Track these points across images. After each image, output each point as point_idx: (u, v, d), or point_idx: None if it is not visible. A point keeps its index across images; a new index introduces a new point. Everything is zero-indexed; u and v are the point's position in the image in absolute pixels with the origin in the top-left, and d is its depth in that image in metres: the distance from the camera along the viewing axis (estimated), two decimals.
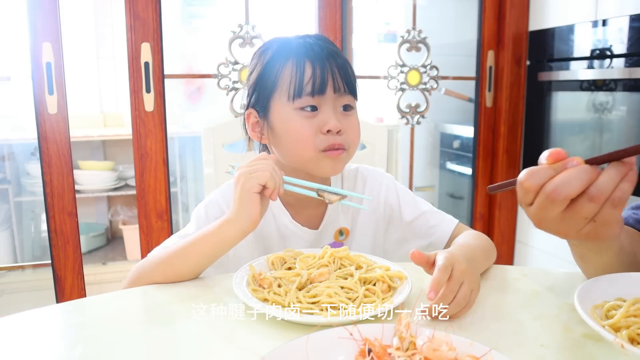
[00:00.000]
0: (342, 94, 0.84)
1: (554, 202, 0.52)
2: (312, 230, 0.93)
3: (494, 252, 0.83)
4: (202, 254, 0.76)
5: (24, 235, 2.59)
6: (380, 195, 0.97)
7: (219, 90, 1.77)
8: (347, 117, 0.86)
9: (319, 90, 0.82)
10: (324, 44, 0.85)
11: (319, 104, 0.83)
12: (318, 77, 0.82)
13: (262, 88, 0.86)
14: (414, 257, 0.64)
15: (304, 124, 0.82)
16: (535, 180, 0.53)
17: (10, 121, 2.60)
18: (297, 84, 0.82)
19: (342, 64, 0.84)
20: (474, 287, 0.64)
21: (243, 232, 0.75)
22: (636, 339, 0.51)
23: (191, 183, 2.92)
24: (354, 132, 0.87)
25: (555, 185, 0.51)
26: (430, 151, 2.82)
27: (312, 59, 0.82)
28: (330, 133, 0.82)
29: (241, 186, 0.74)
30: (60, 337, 0.61)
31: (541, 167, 0.53)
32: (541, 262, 2.03)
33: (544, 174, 0.53)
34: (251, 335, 0.60)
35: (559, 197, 0.51)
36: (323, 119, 0.82)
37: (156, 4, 1.65)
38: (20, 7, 1.55)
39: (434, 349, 0.47)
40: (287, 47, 0.86)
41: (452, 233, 0.92)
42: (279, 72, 0.84)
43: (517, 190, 0.55)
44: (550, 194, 0.52)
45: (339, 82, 0.83)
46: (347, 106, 0.86)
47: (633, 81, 1.63)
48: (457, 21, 2.70)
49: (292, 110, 0.83)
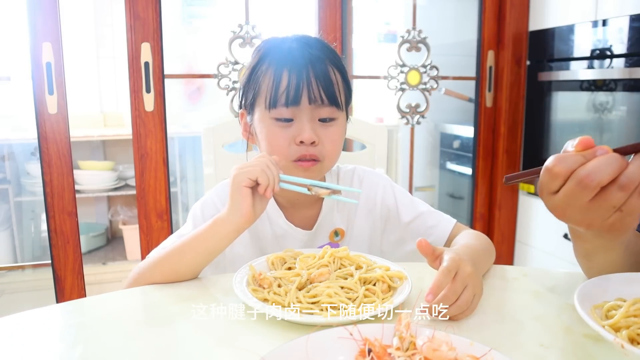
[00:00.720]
0: (319, 105, 0.83)
1: (586, 188, 0.51)
2: (306, 230, 0.93)
3: (494, 253, 0.83)
4: (198, 253, 0.76)
5: (24, 235, 2.59)
6: (377, 196, 0.97)
7: (219, 90, 1.77)
8: (325, 128, 0.84)
9: (293, 101, 0.81)
10: (311, 50, 0.83)
11: (294, 114, 0.83)
12: (292, 88, 0.81)
13: (248, 91, 0.87)
14: (421, 246, 0.64)
15: (278, 134, 0.83)
16: (566, 165, 0.52)
17: (10, 121, 2.60)
18: (272, 93, 0.82)
19: (323, 74, 0.82)
20: (477, 291, 0.63)
21: (236, 228, 0.75)
22: (636, 339, 0.51)
23: (191, 183, 2.92)
24: (331, 143, 0.85)
25: (588, 171, 0.51)
26: (430, 151, 2.82)
27: (291, 68, 0.81)
28: (303, 144, 0.82)
29: (233, 181, 0.75)
30: (60, 337, 0.61)
31: (570, 154, 0.52)
32: (541, 262, 2.03)
33: (574, 160, 0.52)
34: (251, 335, 0.60)
35: (592, 183, 0.50)
36: (297, 129, 0.82)
37: (156, 4, 1.65)
38: (20, 7, 1.55)
39: (434, 349, 0.47)
40: (273, 52, 0.85)
41: (451, 233, 0.92)
42: (260, 79, 0.84)
43: (543, 177, 0.54)
44: (583, 179, 0.51)
45: (315, 93, 0.81)
46: (327, 118, 0.84)
47: (633, 81, 1.63)
48: (457, 21, 2.70)
49: (269, 118, 0.84)
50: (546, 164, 0.53)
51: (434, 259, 0.65)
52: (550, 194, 0.54)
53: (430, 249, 0.65)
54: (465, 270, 0.63)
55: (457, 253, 0.65)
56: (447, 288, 0.61)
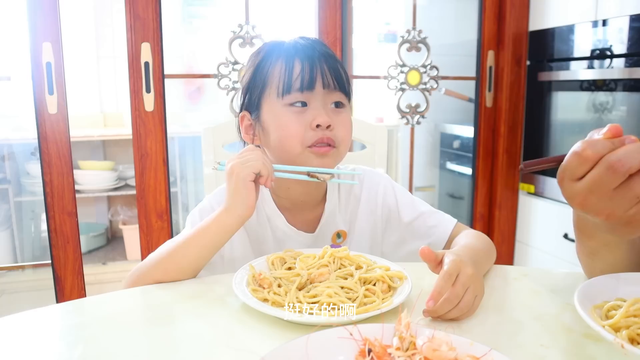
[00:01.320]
0: (332, 90, 0.84)
1: (615, 174, 0.50)
2: (308, 233, 0.93)
3: (494, 253, 0.83)
4: (202, 246, 0.77)
5: (24, 235, 2.59)
6: (378, 196, 0.97)
7: (219, 90, 1.77)
8: (338, 114, 0.86)
9: (308, 85, 0.82)
10: (317, 46, 0.86)
11: (308, 99, 0.83)
12: (307, 73, 0.82)
13: (253, 88, 0.87)
14: (423, 254, 0.65)
15: (293, 119, 0.83)
16: (596, 150, 0.51)
17: (10, 121, 2.60)
18: (286, 80, 0.82)
19: (332, 64, 0.84)
20: (478, 292, 0.63)
21: (241, 219, 0.77)
22: (636, 339, 0.51)
23: (191, 183, 2.92)
24: (345, 128, 0.86)
25: (619, 156, 0.50)
26: (430, 151, 2.82)
27: (302, 57, 0.83)
28: (320, 128, 0.82)
29: (236, 176, 0.75)
30: (60, 337, 0.61)
31: (600, 139, 0.52)
32: (541, 262, 2.03)
33: (604, 145, 0.51)
34: (251, 335, 0.60)
35: (622, 168, 0.50)
36: (312, 114, 0.83)
37: (156, 4, 1.65)
38: (20, 7, 1.55)
39: (434, 349, 0.47)
40: (278, 48, 0.87)
41: (451, 233, 0.92)
42: (269, 71, 0.85)
43: (570, 162, 0.53)
44: (613, 164, 0.50)
45: (328, 78, 0.83)
46: (339, 103, 0.86)
47: (633, 81, 1.63)
48: (457, 21, 2.70)
49: (282, 106, 0.84)
50: (574, 148, 0.53)
51: (437, 265, 0.65)
52: (574, 180, 0.53)
53: (433, 256, 0.65)
54: (467, 273, 0.63)
55: (458, 255, 0.65)
56: (449, 292, 0.61)
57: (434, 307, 0.60)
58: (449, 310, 0.60)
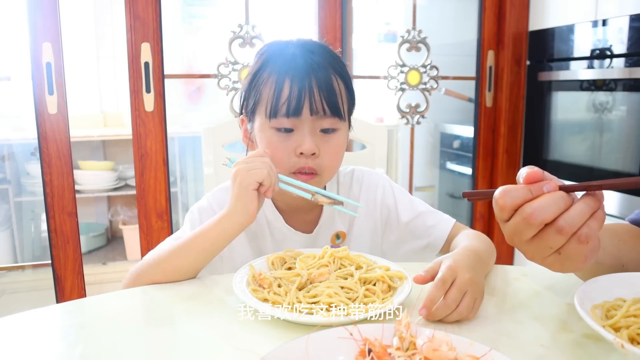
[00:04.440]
0: (320, 116, 0.81)
1: (529, 225, 0.52)
2: (306, 234, 0.93)
3: (495, 253, 0.83)
4: (202, 249, 0.77)
5: (24, 235, 2.59)
6: (377, 197, 0.97)
7: (219, 90, 1.77)
8: (326, 140, 0.83)
9: (294, 112, 0.80)
10: (314, 57, 0.82)
11: (294, 125, 0.82)
12: (294, 98, 0.79)
13: (249, 98, 0.86)
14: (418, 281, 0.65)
15: (279, 145, 0.82)
16: (510, 199, 0.53)
17: (10, 121, 2.60)
18: (273, 103, 0.81)
19: (325, 83, 0.80)
20: (477, 295, 0.63)
21: (241, 226, 0.76)
22: (636, 339, 0.51)
23: (191, 183, 2.92)
24: (331, 156, 0.84)
25: (533, 208, 0.51)
26: (430, 151, 2.82)
27: (292, 77, 0.80)
28: (303, 155, 0.81)
29: (239, 183, 0.75)
30: (60, 337, 0.61)
31: (517, 187, 0.53)
32: None
33: (519, 193, 0.52)
34: (251, 335, 0.60)
35: (535, 220, 0.51)
36: (298, 140, 0.81)
37: (156, 4, 1.65)
38: (20, 7, 1.55)
39: (434, 349, 0.47)
40: (275, 58, 0.84)
41: (450, 233, 0.92)
42: (262, 87, 0.83)
43: (493, 206, 0.55)
44: (527, 216, 0.51)
45: (317, 103, 0.80)
46: (328, 129, 0.83)
47: (633, 81, 1.63)
48: (457, 21, 2.71)
49: (269, 128, 0.83)
50: (495, 193, 0.54)
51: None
52: (502, 221, 0.55)
53: (429, 278, 0.64)
54: (464, 277, 0.63)
55: (454, 261, 0.65)
56: (446, 296, 0.61)
57: (426, 314, 0.60)
58: (448, 314, 0.60)
